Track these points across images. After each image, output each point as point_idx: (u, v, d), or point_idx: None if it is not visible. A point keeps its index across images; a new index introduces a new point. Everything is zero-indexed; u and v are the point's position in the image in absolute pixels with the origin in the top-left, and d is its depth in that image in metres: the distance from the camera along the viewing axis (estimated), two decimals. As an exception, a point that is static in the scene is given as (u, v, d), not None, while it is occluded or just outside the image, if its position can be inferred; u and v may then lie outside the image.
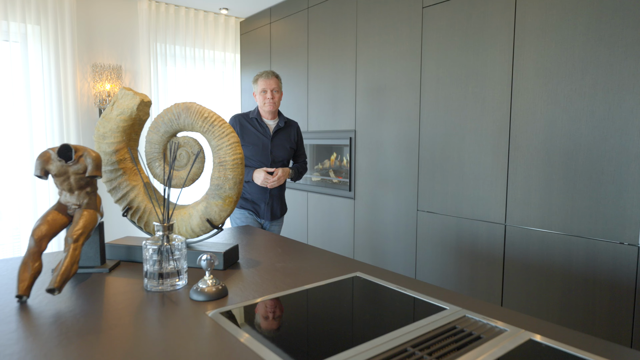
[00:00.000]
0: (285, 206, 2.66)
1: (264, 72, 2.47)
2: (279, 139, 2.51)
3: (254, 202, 2.50)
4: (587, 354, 0.84)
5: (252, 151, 2.45)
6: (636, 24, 1.81)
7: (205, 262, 1.16)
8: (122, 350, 0.86)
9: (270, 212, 2.53)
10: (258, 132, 2.47)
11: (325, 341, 0.91)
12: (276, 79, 2.47)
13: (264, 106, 2.46)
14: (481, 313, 1.04)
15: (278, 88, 2.46)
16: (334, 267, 1.42)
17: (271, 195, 2.51)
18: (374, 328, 0.96)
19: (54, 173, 1.27)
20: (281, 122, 2.51)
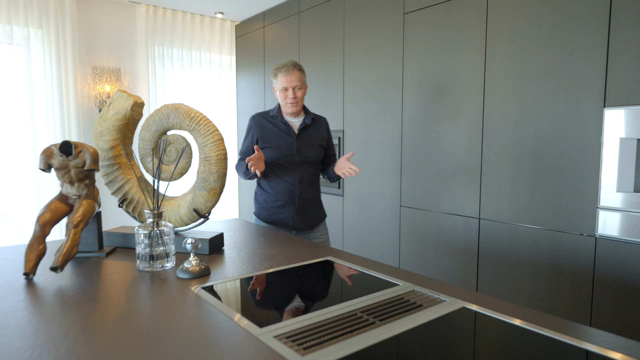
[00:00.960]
0: (322, 212, 2.28)
1: (284, 66, 2.10)
2: (306, 137, 2.16)
3: (282, 211, 2.15)
4: (510, 318, 0.99)
5: (275, 153, 2.11)
6: (592, 32, 1.96)
7: (190, 245, 1.31)
8: (116, 315, 1.01)
9: (302, 221, 2.15)
10: (281, 131, 2.14)
11: (289, 309, 1.06)
12: (299, 73, 2.10)
13: (285, 106, 2.13)
14: (429, 288, 1.20)
15: (301, 84, 2.10)
16: (309, 253, 1.57)
17: (302, 198, 2.15)
18: (333, 299, 1.11)
19: (56, 167, 1.42)
20: (307, 118, 2.17)
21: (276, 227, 2.16)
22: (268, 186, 2.17)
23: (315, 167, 2.21)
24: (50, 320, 0.97)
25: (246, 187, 4.70)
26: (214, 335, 0.91)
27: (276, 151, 2.12)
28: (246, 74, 4.57)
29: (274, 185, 2.15)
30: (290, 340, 0.88)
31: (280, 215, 2.15)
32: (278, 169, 2.13)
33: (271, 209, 2.17)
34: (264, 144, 2.14)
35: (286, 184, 2.13)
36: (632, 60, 1.85)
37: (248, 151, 2.18)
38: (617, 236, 1.92)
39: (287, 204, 2.14)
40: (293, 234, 2.16)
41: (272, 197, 2.16)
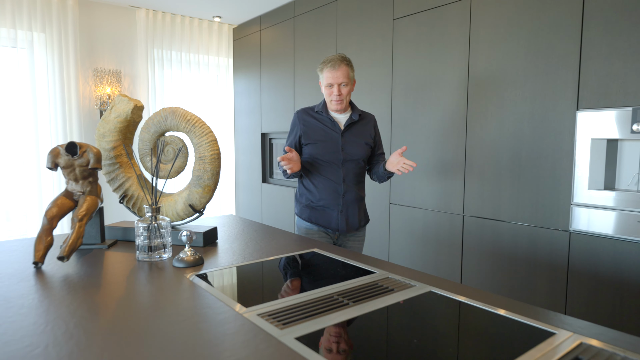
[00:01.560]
0: (366, 215, 2.17)
1: (330, 60, 1.99)
2: (352, 134, 2.06)
3: (324, 211, 2.06)
4: (472, 301, 1.11)
5: (319, 149, 2.03)
6: (566, 39, 2.08)
7: (185, 237, 1.43)
8: (117, 297, 1.13)
9: (346, 222, 2.05)
10: (326, 127, 2.05)
11: (273, 293, 1.18)
12: (346, 68, 1.98)
13: (330, 103, 2.04)
14: (403, 275, 1.32)
15: (347, 80, 1.99)
16: (297, 245, 1.69)
17: (346, 198, 2.05)
18: (314, 284, 1.23)
19: (62, 165, 1.54)
20: (354, 115, 2.06)
21: (318, 228, 2.07)
22: (311, 184, 2.07)
23: (361, 166, 2.09)
24: (59, 302, 1.09)
25: (243, 185, 4.82)
26: (204, 313, 1.03)
27: (320, 148, 2.03)
28: (243, 76, 4.69)
29: (318, 183, 2.05)
30: (271, 318, 1.00)
31: (324, 215, 2.05)
32: (322, 166, 2.04)
33: (314, 209, 2.07)
34: (307, 140, 2.05)
35: (330, 182, 2.03)
36: (602, 66, 1.97)
37: (295, 148, 2.09)
38: (589, 231, 2.04)
39: (331, 204, 2.04)
40: (336, 235, 2.08)
41: (315, 197, 2.05)
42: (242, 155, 4.80)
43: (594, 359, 0.81)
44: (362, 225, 2.13)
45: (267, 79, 4.29)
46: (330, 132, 2.05)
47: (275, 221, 4.26)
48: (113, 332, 0.92)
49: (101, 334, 0.91)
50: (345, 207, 2.05)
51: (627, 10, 1.88)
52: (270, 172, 4.46)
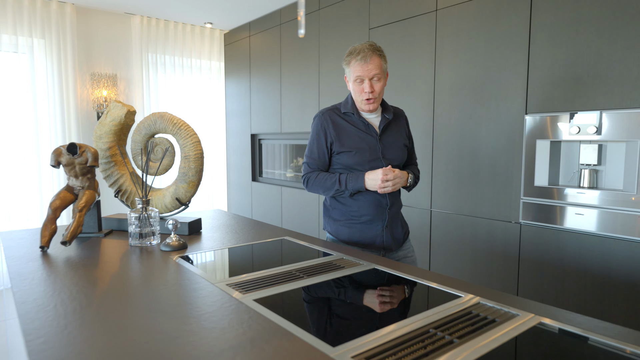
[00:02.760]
0: (406, 225, 1.92)
1: (359, 51, 1.67)
2: (390, 137, 1.79)
3: (369, 227, 1.78)
4: (421, 279, 1.34)
5: (356, 158, 1.75)
6: (516, 50, 2.32)
7: (171, 225, 1.65)
8: (113, 273, 1.36)
9: (392, 237, 1.80)
10: (360, 130, 1.77)
11: (242, 270, 1.41)
12: (378, 59, 1.68)
13: (360, 103, 1.74)
14: (355, 256, 1.55)
15: (380, 73, 1.69)
16: (271, 234, 1.92)
17: (391, 211, 1.79)
18: (277, 263, 1.46)
19: (64, 163, 1.76)
20: (388, 113, 1.78)
21: (360, 249, 1.79)
22: (350, 198, 1.78)
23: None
24: (63, 276, 1.32)
25: (235, 184, 5.05)
26: (184, 284, 1.25)
27: (357, 156, 1.74)
28: (234, 79, 4.92)
29: (359, 196, 1.76)
30: (238, 287, 1.23)
31: (367, 233, 1.78)
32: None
33: (355, 226, 1.79)
34: (341, 147, 1.75)
35: (373, 194, 1.75)
36: (546, 75, 2.21)
37: (321, 159, 1.81)
38: (536, 223, 2.28)
39: (375, 219, 1.77)
40: (380, 254, 1.80)
41: (356, 212, 1.78)
42: (234, 155, 5.02)
43: (485, 312, 1.04)
44: (405, 239, 1.88)
45: (256, 83, 4.51)
46: (366, 137, 1.76)
47: (265, 217, 4.49)
48: (108, 296, 1.15)
49: (99, 297, 1.14)
50: (390, 222, 1.79)
51: (567, 25, 2.12)
52: (260, 171, 4.68)
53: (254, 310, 1.05)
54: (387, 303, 1.13)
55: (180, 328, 0.95)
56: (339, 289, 1.23)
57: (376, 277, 1.32)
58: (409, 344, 0.88)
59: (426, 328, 0.96)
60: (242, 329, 0.95)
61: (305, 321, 0.99)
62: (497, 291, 1.20)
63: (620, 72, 1.96)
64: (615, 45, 1.97)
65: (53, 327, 0.95)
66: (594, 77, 2.05)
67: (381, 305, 1.11)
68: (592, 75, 2.05)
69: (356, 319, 1.03)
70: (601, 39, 2.02)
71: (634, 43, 1.92)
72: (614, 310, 2.04)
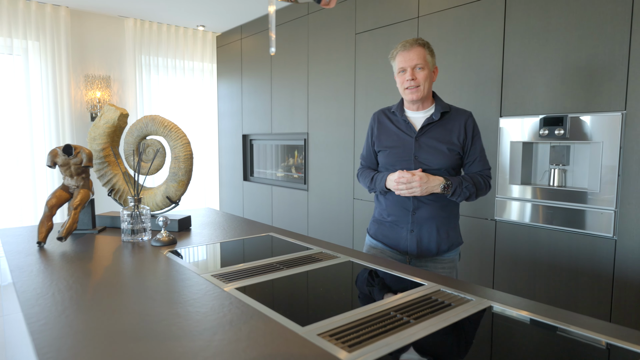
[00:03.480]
0: (453, 238, 1.73)
1: (402, 43, 1.67)
2: (430, 137, 1.68)
3: (393, 229, 1.75)
4: (370, 264, 1.45)
5: (389, 157, 1.73)
6: (492, 55, 2.44)
7: (161, 222, 1.76)
8: (106, 266, 1.46)
9: (417, 244, 1.70)
10: (400, 130, 1.73)
11: (226, 262, 1.52)
12: (421, 49, 1.63)
13: (404, 93, 1.69)
14: (331, 250, 1.66)
15: (423, 62, 1.63)
16: (258, 230, 2.03)
17: (417, 218, 1.69)
18: (260, 256, 1.57)
19: (60, 164, 1.86)
20: (436, 113, 1.68)
21: (384, 248, 1.78)
22: (382, 196, 1.79)
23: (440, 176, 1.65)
24: (60, 268, 1.42)
25: (227, 183, 5.15)
26: (173, 275, 1.36)
27: (391, 155, 1.73)
28: (226, 81, 5.02)
29: (388, 195, 1.75)
30: (223, 278, 1.33)
31: (392, 234, 1.75)
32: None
33: (382, 225, 1.79)
34: (379, 146, 1.78)
35: (399, 195, 1.69)
36: (519, 81, 2.34)
37: (369, 156, 1.86)
38: (509, 219, 2.41)
39: (400, 221, 1.72)
40: (407, 258, 1.74)
41: (384, 211, 1.78)
42: (226, 155, 5.12)
43: (443, 298, 1.16)
44: (444, 250, 1.71)
45: (248, 84, 4.62)
46: (403, 135, 1.72)
47: (255, 216, 4.60)
48: (102, 285, 1.25)
49: (93, 286, 1.25)
50: (418, 227, 1.70)
51: (538, 33, 2.25)
52: (251, 170, 4.79)
53: (234, 297, 1.16)
54: (356, 290, 1.24)
55: (167, 312, 1.06)
56: (314, 278, 1.34)
57: (350, 269, 1.44)
58: (370, 324, 0.99)
59: (388, 311, 1.07)
60: (223, 312, 1.06)
61: (280, 306, 1.11)
62: (458, 280, 1.31)
63: (585, 78, 2.09)
64: (580, 52, 2.10)
65: (52, 312, 1.06)
66: (562, 83, 2.17)
67: (349, 291, 1.22)
68: (559, 81, 2.18)
69: (326, 303, 1.14)
70: (568, 47, 2.14)
71: (598, 51, 2.04)
72: (581, 301, 2.17)
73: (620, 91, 1.99)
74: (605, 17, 2.01)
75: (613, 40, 2.00)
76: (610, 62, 2.01)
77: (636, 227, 1.97)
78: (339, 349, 0.87)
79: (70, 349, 0.87)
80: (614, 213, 2.02)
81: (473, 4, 2.51)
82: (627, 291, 2.02)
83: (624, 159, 1.99)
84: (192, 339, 0.92)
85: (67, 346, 0.88)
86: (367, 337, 0.92)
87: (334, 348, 0.88)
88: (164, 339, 0.92)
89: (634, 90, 1.95)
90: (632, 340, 0.92)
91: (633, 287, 2.00)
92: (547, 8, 2.20)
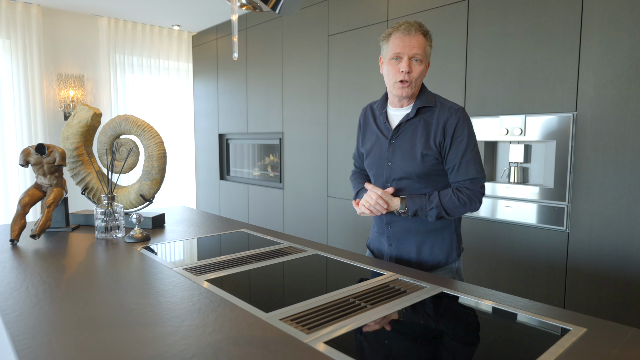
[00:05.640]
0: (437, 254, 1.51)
1: (402, 25, 1.39)
2: (405, 140, 1.47)
3: (379, 239, 1.62)
4: (343, 259, 1.54)
5: (367, 160, 1.58)
6: (455, 58, 2.56)
7: (135, 219, 1.80)
8: (80, 262, 1.50)
9: (396, 259, 1.56)
10: (378, 129, 1.54)
11: (197, 257, 1.58)
12: (422, 38, 1.38)
13: (393, 87, 1.43)
14: (300, 244, 1.74)
15: (423, 55, 1.39)
16: (231, 227, 2.09)
17: (393, 232, 1.54)
18: (230, 250, 1.64)
19: (33, 163, 1.88)
20: (413, 109, 1.44)
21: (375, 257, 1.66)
22: None
23: (421, 184, 1.46)
24: (33, 264, 1.46)
25: (203, 182, 5.16)
26: (146, 269, 1.42)
27: (368, 159, 1.57)
28: (202, 80, 5.04)
29: None
30: (194, 270, 1.40)
31: (378, 244, 1.64)
32: (373, 183, 1.58)
33: (372, 234, 1.68)
34: (362, 147, 1.61)
35: None
36: (481, 83, 2.46)
37: (360, 156, 1.69)
38: (472, 215, 2.53)
39: (381, 234, 1.59)
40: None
41: (373, 222, 1.66)
42: (202, 154, 5.14)
43: (399, 286, 1.25)
44: (428, 269, 1.50)
45: (224, 84, 4.65)
46: (380, 137, 1.53)
47: (232, 214, 4.64)
48: (76, 279, 1.30)
49: (67, 280, 1.29)
50: (396, 241, 1.54)
51: (497, 38, 2.37)
52: (227, 169, 4.82)
53: (204, 288, 1.23)
54: (319, 280, 1.32)
55: (138, 302, 1.12)
56: (282, 270, 1.42)
57: (316, 261, 1.52)
58: (330, 309, 1.07)
59: (347, 298, 1.15)
60: (192, 301, 1.13)
61: (247, 295, 1.18)
62: (415, 270, 1.41)
63: (540, 81, 2.23)
64: (536, 57, 2.24)
65: (26, 304, 1.10)
66: (520, 85, 2.30)
67: (313, 281, 1.30)
68: (517, 84, 2.31)
69: (291, 292, 1.22)
70: (525, 51, 2.28)
71: (552, 56, 2.18)
72: (538, 291, 2.31)
73: (571, 93, 2.13)
74: (558, 24, 2.15)
75: (565, 46, 2.13)
76: (562, 66, 2.15)
77: (586, 220, 2.12)
78: (298, 331, 0.95)
79: (44, 335, 0.92)
80: (567, 207, 2.16)
81: (438, 9, 2.63)
82: (579, 280, 2.16)
83: (575, 157, 2.13)
84: (161, 325, 0.98)
85: (42, 333, 0.93)
86: (326, 321, 1.00)
87: (294, 330, 0.95)
88: (135, 326, 0.98)
89: (583, 92, 2.09)
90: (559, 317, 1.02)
91: (584, 276, 2.15)
92: (506, 14, 2.33)
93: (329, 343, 0.90)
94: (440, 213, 1.41)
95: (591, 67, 2.05)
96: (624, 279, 2.02)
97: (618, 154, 1.99)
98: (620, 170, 1.99)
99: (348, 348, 0.88)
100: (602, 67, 2.02)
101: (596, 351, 0.86)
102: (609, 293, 2.07)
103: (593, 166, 2.07)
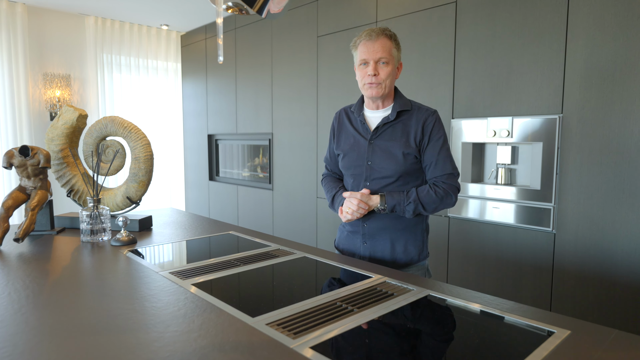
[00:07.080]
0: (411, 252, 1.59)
1: (366, 32, 1.50)
2: (384, 140, 1.54)
3: (352, 237, 1.66)
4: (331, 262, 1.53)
5: (344, 161, 1.63)
6: (444, 60, 2.57)
7: (121, 222, 1.78)
8: (65, 266, 1.48)
9: (369, 257, 1.61)
10: (356, 131, 1.61)
11: (184, 261, 1.56)
12: (386, 41, 1.48)
13: (363, 88, 1.53)
14: (289, 247, 1.73)
15: (388, 56, 1.48)
16: (219, 229, 2.08)
17: (369, 230, 1.60)
18: (217, 254, 1.63)
19: (16, 165, 1.85)
20: (392, 112, 1.52)
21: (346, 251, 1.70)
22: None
23: (399, 182, 1.54)
24: (17, 268, 1.43)
25: (192, 183, 5.13)
26: (132, 273, 1.40)
27: (345, 159, 1.62)
28: (191, 80, 5.00)
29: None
30: (180, 274, 1.38)
31: (350, 243, 1.68)
32: (350, 183, 1.63)
33: (342, 233, 1.72)
34: (337, 149, 1.67)
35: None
36: (469, 85, 2.47)
37: (332, 159, 1.75)
38: (461, 216, 2.55)
39: (356, 231, 1.63)
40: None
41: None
42: (191, 155, 5.11)
43: (386, 288, 1.25)
44: (401, 266, 1.58)
45: (213, 84, 4.62)
46: (359, 138, 1.59)
47: (221, 216, 4.61)
48: (60, 284, 1.28)
49: (51, 285, 1.27)
50: (370, 239, 1.60)
51: (485, 40, 2.39)
52: (217, 170, 4.80)
53: (190, 292, 1.22)
54: (307, 283, 1.32)
55: (123, 307, 1.10)
56: (269, 273, 1.41)
57: (304, 264, 1.51)
58: (317, 314, 1.07)
59: (335, 301, 1.15)
60: (178, 306, 1.12)
61: (234, 299, 1.17)
62: (402, 272, 1.41)
63: (527, 83, 2.25)
64: (523, 59, 2.26)
65: (8, 310, 1.08)
66: (507, 87, 2.32)
67: (301, 285, 1.30)
68: (505, 86, 2.33)
69: (277, 296, 1.21)
70: (512, 54, 2.30)
71: (538, 58, 2.20)
72: (525, 291, 2.33)
73: (557, 95, 2.15)
74: (544, 27, 2.17)
75: (551, 49, 2.16)
76: (549, 68, 2.17)
77: (572, 221, 2.14)
78: (284, 336, 0.95)
79: (26, 343, 0.91)
80: (553, 208, 2.19)
81: (426, 11, 2.64)
82: (565, 280, 2.19)
83: (561, 158, 2.16)
84: (146, 331, 0.97)
85: (23, 341, 0.92)
86: (312, 325, 1.00)
87: (280, 336, 0.95)
88: (119, 332, 0.97)
89: (569, 95, 2.11)
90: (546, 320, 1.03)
91: (570, 276, 2.17)
92: (494, 17, 2.35)
93: (315, 348, 0.89)
94: (417, 208, 1.49)
95: (577, 70, 2.08)
96: (609, 279, 2.04)
97: (603, 156, 2.02)
98: (605, 172, 2.02)
99: (334, 353, 0.88)
100: (587, 70, 2.05)
101: (579, 353, 0.87)
102: (594, 293, 2.10)
103: (579, 168, 2.10)
